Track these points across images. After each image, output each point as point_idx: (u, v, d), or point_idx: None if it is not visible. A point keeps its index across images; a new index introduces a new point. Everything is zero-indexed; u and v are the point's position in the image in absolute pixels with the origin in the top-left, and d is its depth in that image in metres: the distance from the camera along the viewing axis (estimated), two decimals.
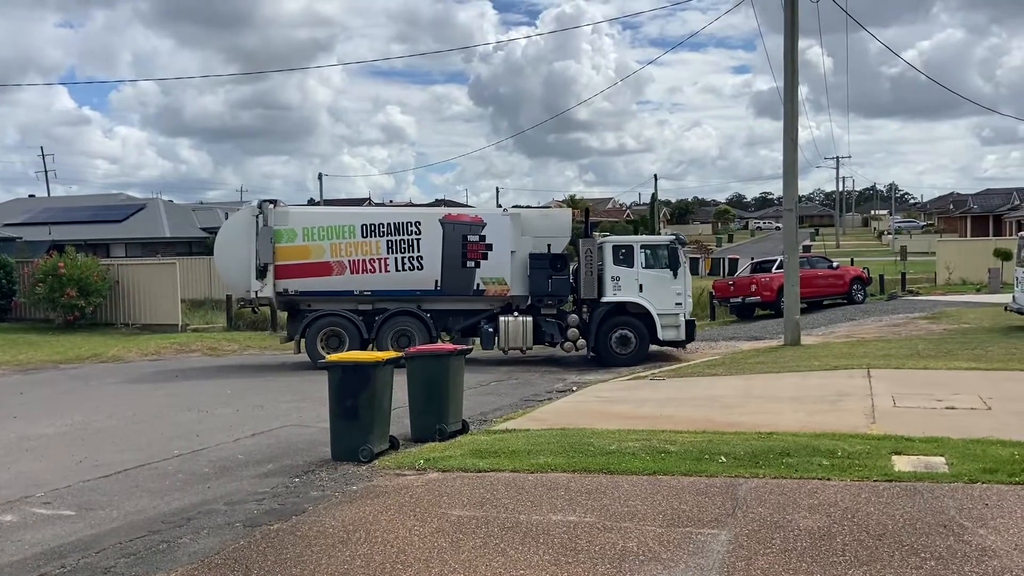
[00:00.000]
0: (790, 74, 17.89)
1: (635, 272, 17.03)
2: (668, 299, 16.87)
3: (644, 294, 16.94)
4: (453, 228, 17.19)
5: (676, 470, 7.12)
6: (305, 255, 17.04)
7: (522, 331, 16.92)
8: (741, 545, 5.33)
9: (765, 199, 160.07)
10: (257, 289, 16.97)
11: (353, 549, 5.54)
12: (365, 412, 8.47)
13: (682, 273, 17.04)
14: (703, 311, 27.45)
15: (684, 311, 16.96)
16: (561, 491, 6.69)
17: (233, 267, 17.38)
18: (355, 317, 16.98)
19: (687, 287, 17.25)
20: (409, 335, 16.83)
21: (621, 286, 17.04)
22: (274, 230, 16.92)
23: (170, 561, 5.57)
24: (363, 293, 17.17)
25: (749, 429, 8.69)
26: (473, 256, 17.09)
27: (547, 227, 17.58)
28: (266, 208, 17.13)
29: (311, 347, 16.95)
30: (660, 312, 16.81)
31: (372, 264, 17.05)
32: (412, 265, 17.06)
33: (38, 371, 17.91)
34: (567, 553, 5.29)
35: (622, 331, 16.90)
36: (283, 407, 12.32)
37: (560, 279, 17.09)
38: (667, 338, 16.91)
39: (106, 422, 11.51)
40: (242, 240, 17.07)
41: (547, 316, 17.30)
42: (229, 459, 8.92)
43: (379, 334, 16.89)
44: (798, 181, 18.58)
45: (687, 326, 16.94)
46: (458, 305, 17.33)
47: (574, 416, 10.20)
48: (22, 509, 7.14)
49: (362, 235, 17.08)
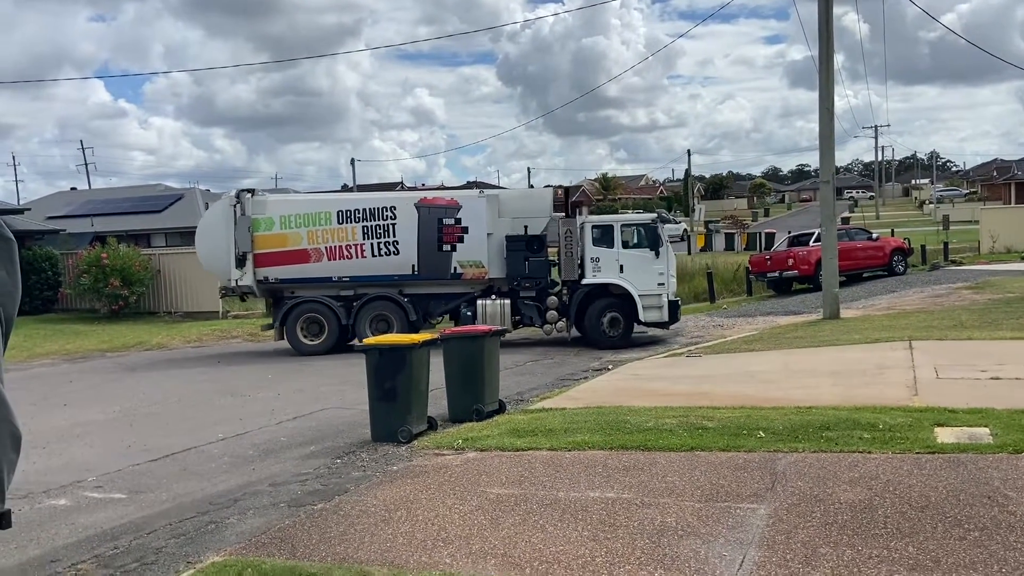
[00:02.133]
0: (825, 42, 17.52)
1: (615, 252, 16.62)
2: (650, 280, 16.45)
3: (625, 275, 16.55)
4: (428, 212, 17.10)
5: (714, 446, 7.11)
6: (283, 243, 17.23)
7: (500, 314, 16.64)
8: (781, 519, 5.33)
9: (802, 171, 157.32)
10: (237, 277, 17.23)
11: (395, 527, 5.64)
12: (403, 394, 8.57)
13: (664, 252, 16.55)
14: (739, 286, 27.20)
15: (667, 291, 16.53)
16: (599, 468, 6.72)
17: (214, 256, 17.60)
18: (333, 303, 17.09)
19: (670, 267, 16.75)
20: (387, 320, 16.98)
21: (601, 267, 16.67)
22: (252, 219, 17.12)
23: (219, 541, 5.72)
24: (342, 279, 17.27)
25: (788, 404, 8.63)
26: (449, 240, 16.99)
27: (526, 208, 17.25)
28: (244, 197, 17.29)
29: (291, 334, 17.24)
30: (641, 293, 16.41)
31: (349, 250, 17.14)
32: (388, 250, 17.08)
33: (86, 360, 18.39)
34: (605, 529, 5.33)
35: (612, 313, 16.55)
36: (323, 390, 12.51)
37: (537, 261, 16.81)
38: (649, 319, 16.51)
39: (153, 408, 11.80)
40: (222, 229, 17.26)
41: (526, 298, 17.01)
42: (272, 442, 9.10)
43: (357, 319, 17.00)
44: (835, 152, 18.25)
45: (670, 307, 16.50)
46: (438, 289, 17.25)
47: (610, 394, 10.22)
48: (75, 493, 7.38)
49: (338, 221, 17.17)
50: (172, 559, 5.44)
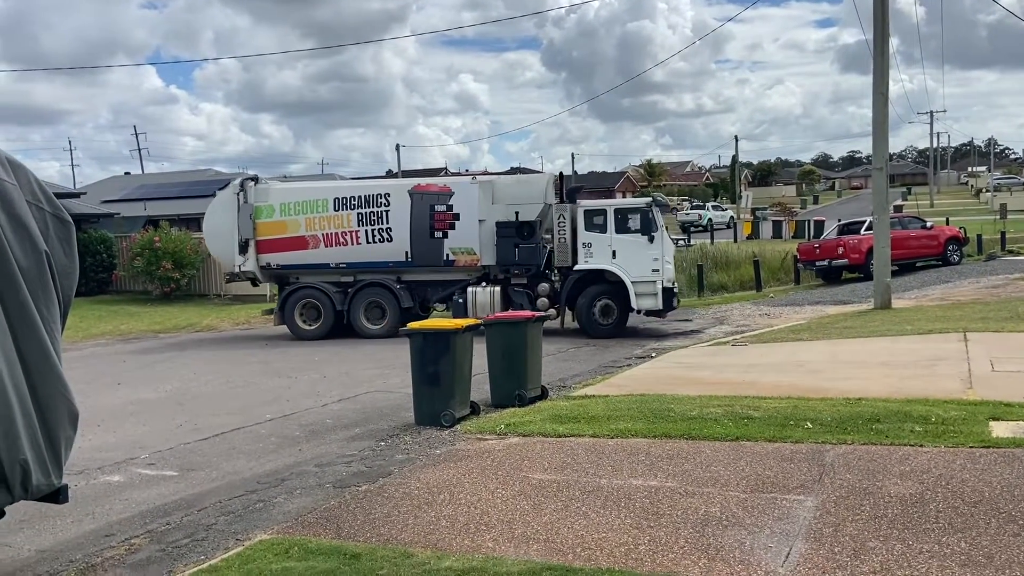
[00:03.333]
0: (880, 25, 17.03)
1: (608, 238, 16.21)
2: (644, 266, 16.00)
3: (618, 260, 16.14)
4: (421, 199, 17.10)
5: (760, 436, 7.01)
6: (282, 230, 17.56)
7: (490, 301, 16.53)
8: (828, 511, 5.24)
9: (853, 158, 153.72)
10: (240, 263, 17.69)
11: (438, 510, 5.68)
12: (446, 378, 8.62)
13: (659, 238, 16.05)
14: (787, 275, 26.73)
15: (662, 278, 16.04)
16: (642, 456, 6.69)
17: (219, 243, 18.08)
18: (331, 289, 17.32)
19: (665, 253, 16.22)
20: (381, 306, 17.18)
21: (593, 253, 16.29)
22: (254, 206, 17.52)
23: (266, 520, 5.83)
24: (339, 265, 17.49)
25: (836, 395, 8.47)
26: (440, 227, 16.95)
27: (520, 194, 17.00)
28: (247, 186, 17.70)
29: (290, 319, 17.54)
30: (635, 280, 15.98)
31: (344, 237, 17.34)
32: (382, 237, 17.20)
33: (138, 340, 18.86)
34: (649, 517, 5.30)
35: (603, 300, 16.17)
36: (367, 373, 12.65)
37: (527, 247, 16.50)
38: (643, 307, 16.11)
39: (202, 388, 12.07)
40: (227, 217, 17.70)
41: (516, 286, 16.78)
42: (318, 423, 9.24)
43: (351, 305, 17.21)
44: (889, 138, 17.77)
45: (664, 294, 16.02)
46: (434, 276, 17.27)
47: (653, 382, 10.15)
48: (128, 470, 7.58)
49: (334, 208, 17.38)
50: (221, 536, 5.57)
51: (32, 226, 4.83)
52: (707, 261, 27.57)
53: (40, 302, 4.81)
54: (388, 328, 16.88)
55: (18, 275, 4.68)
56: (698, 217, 54.53)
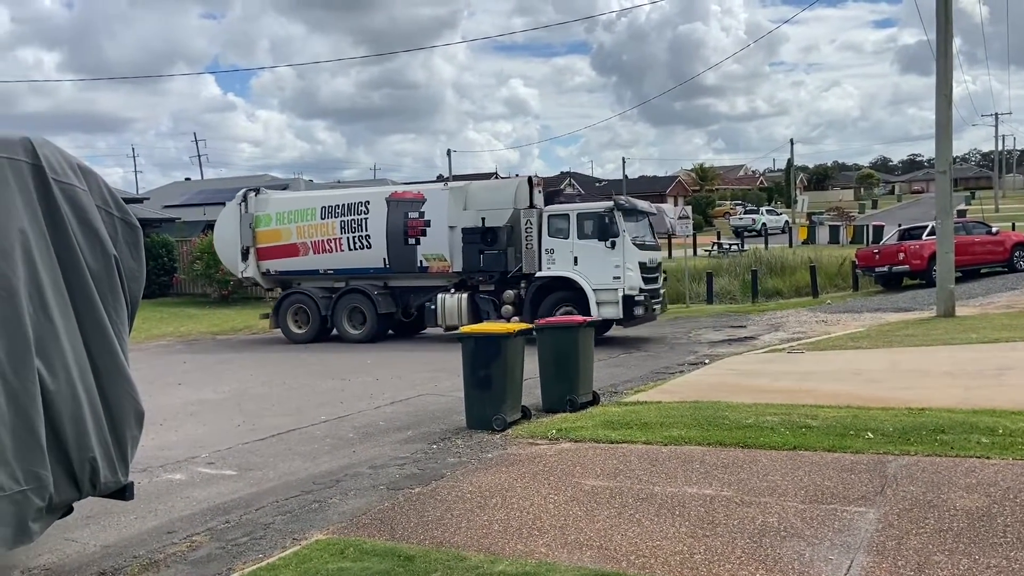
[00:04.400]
0: (943, 24, 16.57)
1: (570, 244, 15.76)
2: (605, 273, 15.46)
3: (579, 267, 15.66)
4: (396, 206, 17.28)
5: (818, 446, 6.86)
6: (277, 238, 18.26)
7: (457, 308, 16.58)
8: (891, 524, 5.10)
9: (913, 161, 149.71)
10: (242, 270, 18.60)
11: (490, 514, 5.69)
12: (498, 382, 8.64)
13: (620, 243, 15.40)
14: (845, 281, 26.14)
15: (623, 286, 15.39)
16: (696, 464, 6.60)
17: (226, 251, 18.98)
18: (317, 295, 17.81)
19: (627, 259, 15.47)
20: (362, 312, 17.50)
21: (555, 259, 15.88)
22: (254, 216, 18.35)
23: (322, 520, 5.92)
24: (327, 272, 17.99)
25: (898, 405, 8.25)
26: (413, 233, 17.04)
27: (491, 200, 16.78)
28: (248, 197, 18.56)
29: (283, 323, 18.15)
30: (596, 287, 15.48)
31: (329, 244, 17.82)
32: (362, 244, 17.54)
33: (198, 341, 19.34)
34: (704, 526, 5.23)
35: (565, 308, 15.60)
36: (419, 377, 12.75)
37: (491, 253, 16.21)
38: (604, 315, 15.28)
39: (260, 389, 12.31)
40: (232, 226, 18.61)
41: (484, 292, 16.62)
42: (371, 425, 9.34)
43: (335, 311, 17.64)
44: (952, 141, 17.26)
45: (625, 303, 15.32)
46: (415, 282, 17.45)
47: (707, 389, 10.01)
48: (189, 468, 7.77)
49: (321, 217, 17.86)
50: (279, 535, 5.67)
51: (102, 231, 5.00)
52: (761, 266, 27.13)
53: (109, 304, 4.98)
54: (367, 333, 17.41)
55: (89, 278, 4.85)
56: (751, 222, 53.70)
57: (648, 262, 16.09)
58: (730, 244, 39.48)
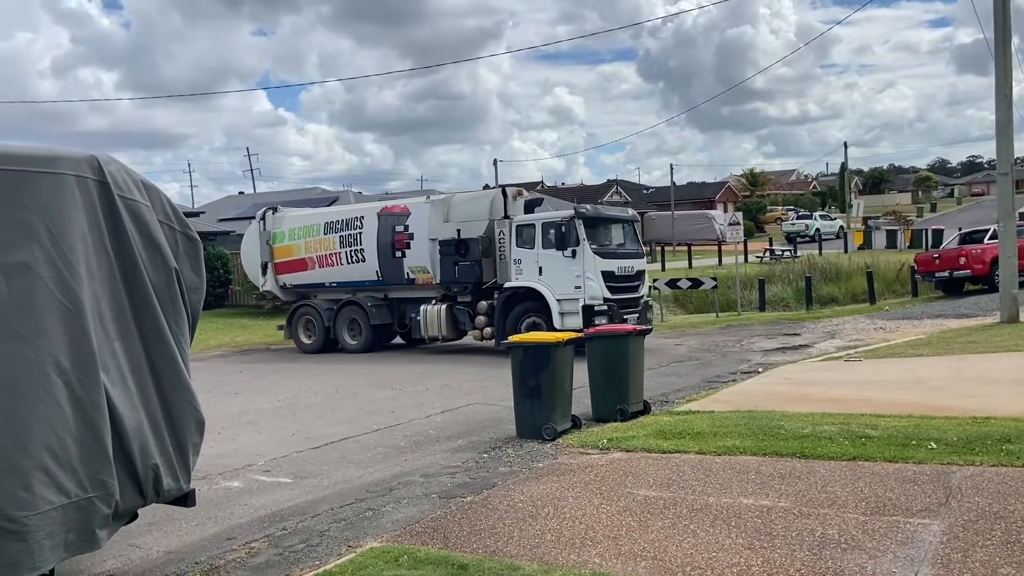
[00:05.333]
0: (1001, 23, 16.09)
1: (535, 253, 15.67)
2: (567, 283, 15.31)
3: (544, 277, 15.56)
4: (386, 220, 17.68)
5: (879, 456, 6.70)
6: (290, 253, 19.18)
7: (436, 319, 16.89)
8: (956, 536, 4.94)
9: (973, 163, 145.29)
10: (263, 284, 19.69)
11: (543, 524, 5.68)
12: (547, 391, 8.63)
13: (581, 252, 15.20)
14: (903, 287, 25.49)
15: (584, 295, 15.18)
16: (751, 474, 6.50)
17: (250, 266, 20.16)
18: (322, 307, 18.59)
19: (587, 268, 15.22)
20: (358, 322, 18.08)
21: (523, 269, 15.85)
22: (271, 232, 19.44)
23: (376, 528, 5.97)
24: (332, 284, 18.67)
25: (961, 413, 8.00)
26: (400, 246, 17.41)
27: (469, 212, 16.94)
28: (267, 215, 19.72)
29: (294, 333, 19.05)
30: (559, 297, 15.36)
31: (331, 258, 18.51)
32: (358, 257, 18.07)
33: (253, 352, 19.73)
34: (761, 538, 5.14)
35: (530, 318, 15.64)
36: (468, 386, 12.80)
37: (465, 265, 16.36)
38: (567, 325, 14.98)
39: (313, 398, 12.50)
40: (254, 243, 19.82)
41: (461, 303, 16.82)
42: (422, 434, 9.41)
43: (336, 322, 18.28)
44: (1013, 141, 16.72)
45: (584, 312, 15.06)
46: (409, 294, 17.80)
47: (761, 398, 9.85)
48: (246, 476, 7.92)
49: (324, 232, 18.61)
50: (334, 542, 5.74)
51: (163, 244, 5.15)
52: (815, 272, 26.62)
53: (170, 316, 5.12)
54: (363, 344, 17.98)
55: (151, 291, 4.99)
56: (804, 227, 52.74)
57: (618, 271, 15.86)
58: (783, 250, 38.82)
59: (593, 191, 62.92)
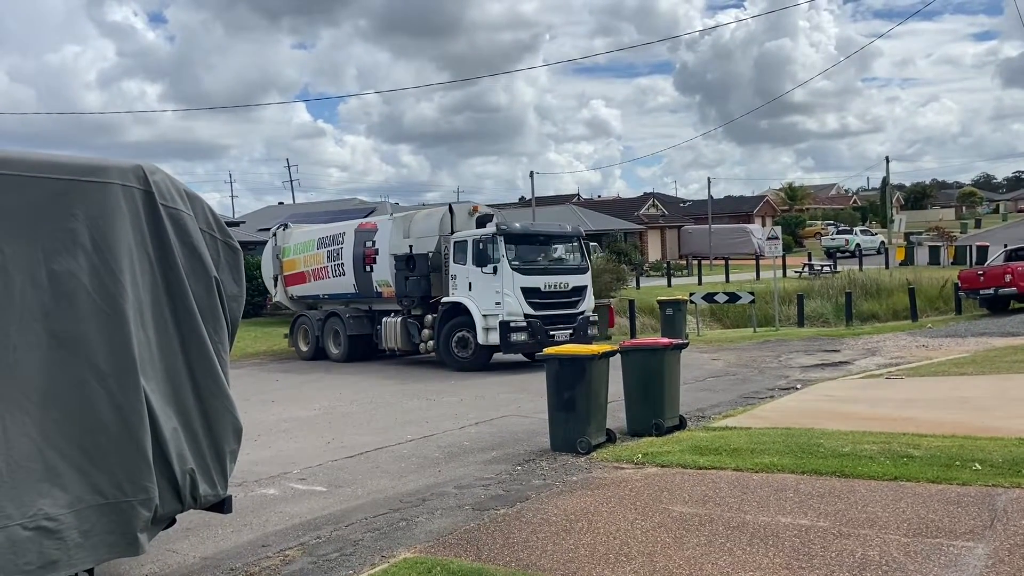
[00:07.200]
0: None
1: (467, 270, 15.98)
2: (490, 298, 15.56)
3: (472, 292, 15.86)
4: (360, 236, 18.53)
5: (921, 476, 6.54)
6: (294, 267, 20.40)
7: (393, 332, 17.42)
8: (1002, 560, 4.80)
9: (1019, 179, 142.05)
10: (275, 294, 21.20)
11: (576, 538, 5.63)
12: (582, 404, 8.58)
13: (501, 268, 15.41)
14: (946, 304, 24.98)
15: (503, 312, 15.37)
16: (790, 493, 6.38)
17: (266, 278, 21.69)
18: (313, 317, 19.31)
19: (505, 284, 15.42)
20: (338, 332, 18.73)
21: (457, 285, 16.25)
22: (281, 247, 20.78)
23: (409, 538, 5.98)
24: (324, 296, 19.68)
25: (1008, 434, 7.79)
26: (368, 261, 18.13)
27: (424, 228, 17.47)
28: (278, 231, 21.18)
29: (295, 341, 19.92)
30: (485, 312, 15.59)
31: (320, 272, 19.54)
32: (339, 271, 18.98)
33: (290, 361, 19.93)
34: (800, 558, 5.04)
35: (460, 333, 16.08)
36: (502, 398, 12.79)
37: (413, 279, 16.80)
38: (491, 341, 15.50)
39: (348, 408, 12.58)
40: (268, 256, 21.32)
41: (412, 317, 17.27)
42: (456, 445, 9.41)
43: (323, 332, 19.01)
44: None
45: (501, 328, 15.33)
46: (380, 306, 18.27)
47: (799, 415, 9.69)
48: (282, 484, 7.99)
49: (316, 248, 19.66)
50: (368, 552, 5.75)
51: (205, 254, 5.23)
52: (855, 288, 26.20)
53: (209, 324, 5.19)
54: (341, 354, 18.60)
55: (192, 300, 5.08)
56: (845, 242, 51.96)
57: (545, 287, 15.83)
58: (822, 265, 38.27)
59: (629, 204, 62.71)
